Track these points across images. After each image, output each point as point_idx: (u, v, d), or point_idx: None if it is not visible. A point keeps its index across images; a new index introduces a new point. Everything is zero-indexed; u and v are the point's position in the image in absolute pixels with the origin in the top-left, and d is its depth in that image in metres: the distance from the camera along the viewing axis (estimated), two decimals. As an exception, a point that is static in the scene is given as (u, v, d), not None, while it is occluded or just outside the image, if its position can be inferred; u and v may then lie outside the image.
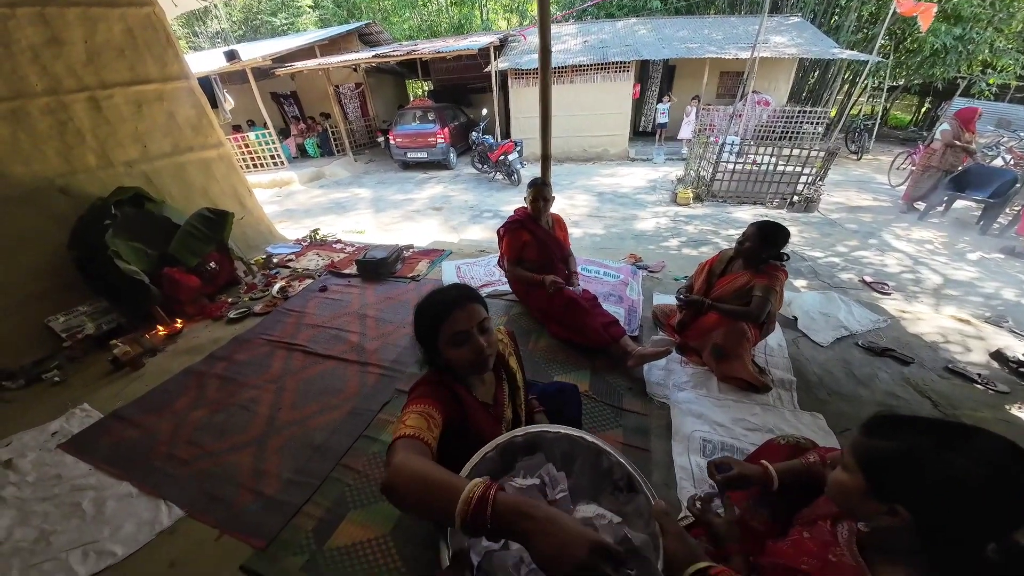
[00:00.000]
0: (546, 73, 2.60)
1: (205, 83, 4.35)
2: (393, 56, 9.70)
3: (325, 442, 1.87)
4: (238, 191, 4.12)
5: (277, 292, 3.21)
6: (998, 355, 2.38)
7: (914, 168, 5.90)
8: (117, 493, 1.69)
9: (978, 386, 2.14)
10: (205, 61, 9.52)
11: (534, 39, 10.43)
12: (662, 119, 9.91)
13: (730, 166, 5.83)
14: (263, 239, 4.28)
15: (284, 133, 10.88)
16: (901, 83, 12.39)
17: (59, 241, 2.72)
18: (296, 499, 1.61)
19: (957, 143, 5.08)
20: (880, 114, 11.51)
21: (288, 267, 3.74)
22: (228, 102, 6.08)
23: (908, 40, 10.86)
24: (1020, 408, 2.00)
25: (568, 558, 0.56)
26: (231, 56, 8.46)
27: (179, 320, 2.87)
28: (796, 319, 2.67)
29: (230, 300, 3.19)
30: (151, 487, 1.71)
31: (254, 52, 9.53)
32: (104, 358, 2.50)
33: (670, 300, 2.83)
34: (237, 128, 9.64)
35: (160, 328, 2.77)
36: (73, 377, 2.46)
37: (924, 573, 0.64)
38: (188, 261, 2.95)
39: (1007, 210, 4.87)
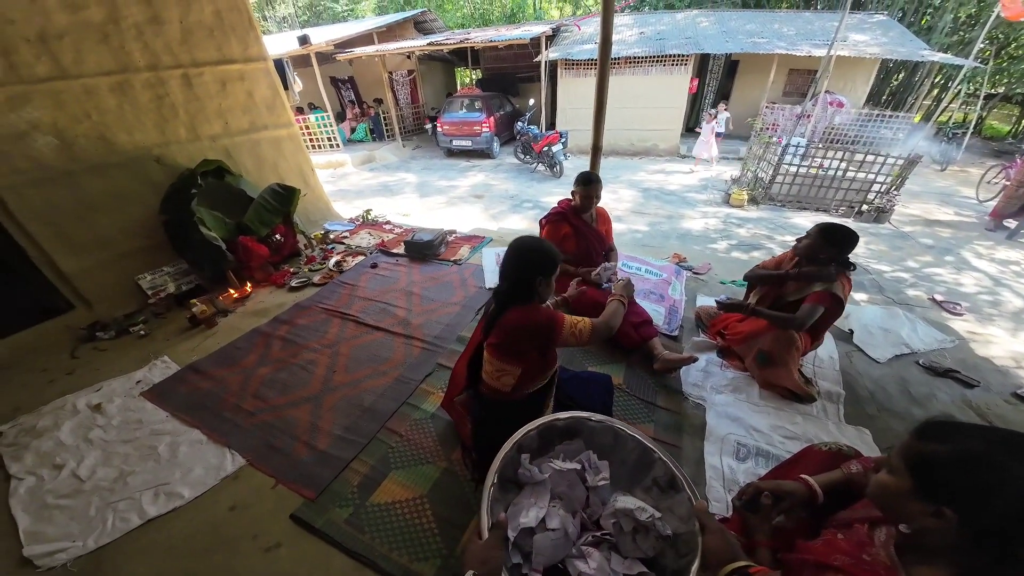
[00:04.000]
0: (605, 65, 2.58)
1: (277, 66, 4.63)
2: (447, 44, 9.84)
3: (373, 404, 2.01)
4: (303, 169, 4.39)
5: (333, 265, 3.43)
6: (1078, 386, 2.16)
7: (1008, 183, 5.31)
8: (189, 439, 1.84)
9: (1049, 415, 1.97)
10: (276, 44, 10.09)
11: (588, 29, 10.22)
12: (720, 129, 8.46)
13: (792, 168, 5.50)
14: (322, 216, 4.56)
15: (339, 117, 11.38)
16: (1001, 91, 11.07)
17: (152, 206, 3.04)
18: (345, 455, 1.74)
19: None
20: (973, 123, 10.35)
21: (343, 243, 3.97)
22: (298, 84, 6.44)
23: (1012, 46, 9.69)
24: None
25: None
26: (303, 40, 8.91)
27: (248, 285, 3.14)
28: (852, 332, 2.53)
29: (292, 270, 3.44)
30: (219, 435, 1.86)
31: (318, 37, 9.98)
32: (183, 315, 2.78)
33: (714, 302, 2.76)
34: (300, 111, 10.18)
35: (232, 291, 3.04)
36: (156, 331, 2.73)
37: (959, 574, 0.65)
38: (259, 231, 3.21)
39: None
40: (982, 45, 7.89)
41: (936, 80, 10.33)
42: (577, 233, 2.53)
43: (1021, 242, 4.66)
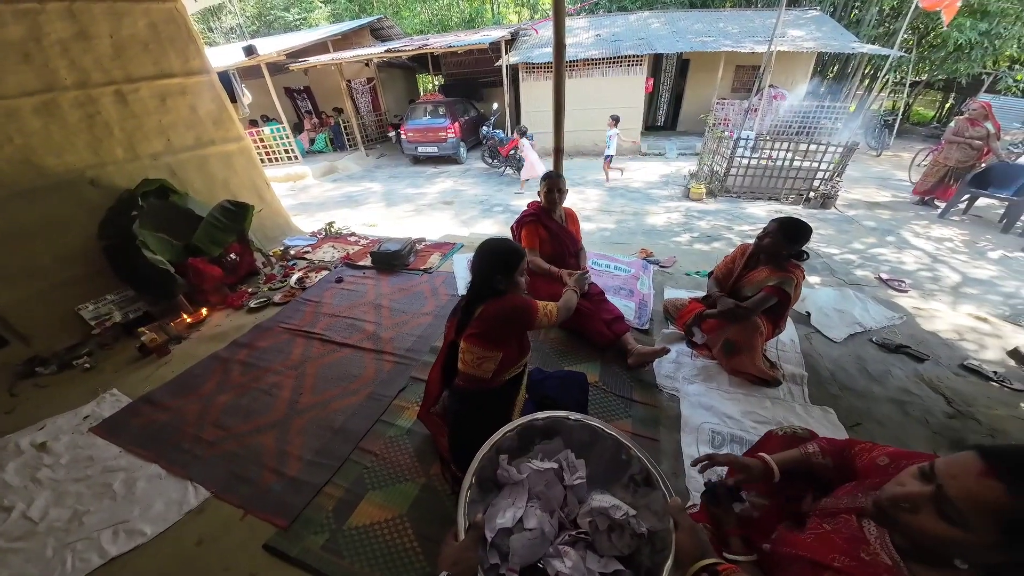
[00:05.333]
0: (560, 68, 2.61)
1: (224, 78, 4.44)
2: (405, 50, 9.74)
3: (344, 425, 1.94)
4: (257, 184, 4.21)
5: (295, 283, 3.30)
6: (1015, 353, 2.36)
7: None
8: (147, 474, 1.76)
9: (993, 384, 2.13)
10: (222, 56, 9.67)
11: (546, 33, 10.38)
12: (608, 152, 7.05)
13: (744, 161, 5.76)
14: (280, 231, 4.38)
15: (297, 128, 11.02)
16: (924, 78, 12.05)
17: (89, 231, 2.83)
18: (317, 480, 1.67)
19: (956, 139, 5.07)
20: (902, 110, 11.22)
21: (305, 259, 3.83)
22: (247, 97, 6.18)
23: (931, 35, 10.55)
24: (1035, 406, 1.98)
25: None
26: (249, 51, 8.58)
27: (203, 309, 2.97)
28: (809, 315, 2.66)
29: (250, 290, 3.28)
30: (179, 468, 1.77)
31: (269, 47, 9.64)
32: (132, 345, 2.61)
33: (681, 294, 2.85)
34: (253, 123, 9.79)
35: (185, 316, 2.87)
36: (103, 363, 2.56)
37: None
38: (211, 252, 3.05)
39: (1031, 208, 4.74)
40: (905, 35, 8.56)
41: (867, 71, 11.12)
42: (550, 234, 2.57)
43: (953, 220, 5.07)
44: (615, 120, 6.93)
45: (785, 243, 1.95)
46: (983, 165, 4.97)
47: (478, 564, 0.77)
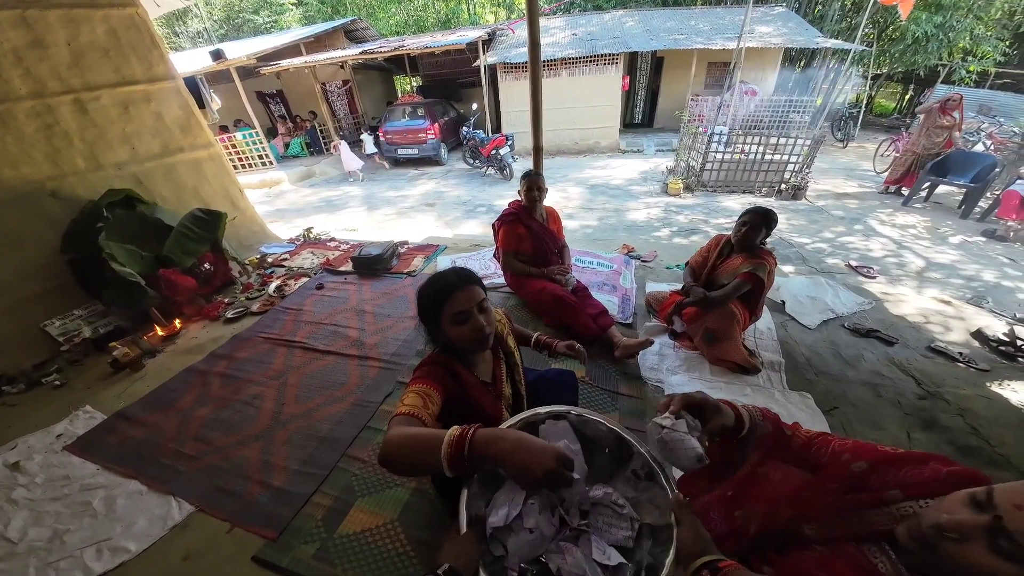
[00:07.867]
0: (536, 67, 2.63)
1: (191, 83, 4.31)
2: (381, 52, 9.62)
3: (330, 434, 1.91)
4: (229, 191, 4.10)
5: (274, 291, 3.22)
6: (978, 334, 2.45)
7: (898, 155, 6.07)
8: (127, 491, 1.72)
9: (960, 365, 2.21)
10: (190, 61, 9.37)
11: (522, 32, 10.41)
12: (371, 150, 9.43)
13: (719, 156, 5.91)
14: (256, 239, 4.27)
15: (271, 133, 10.76)
16: (884, 71, 12.54)
17: (52, 244, 2.72)
18: (305, 489, 1.65)
19: (927, 121, 5.28)
20: (865, 102, 11.68)
21: (283, 266, 3.75)
22: (216, 102, 6.01)
23: (890, 28, 11.00)
24: (1000, 385, 2.07)
25: (536, 468, 0.69)
26: (217, 55, 8.34)
27: (177, 321, 2.88)
28: (784, 303, 2.74)
29: (227, 300, 3.20)
30: (160, 483, 1.73)
31: (238, 51, 9.39)
32: (103, 361, 2.52)
33: (663, 288, 2.90)
34: (224, 129, 9.52)
35: (158, 329, 2.78)
36: (74, 380, 2.47)
37: None
38: (183, 262, 2.95)
39: (987, 194, 5.00)
40: (866, 30, 8.89)
41: (831, 65, 11.53)
42: (532, 233, 2.59)
43: (915, 207, 5.31)
44: (369, 129, 9.96)
45: (765, 230, 2.01)
46: (934, 152, 5.22)
47: (480, 557, 0.77)
